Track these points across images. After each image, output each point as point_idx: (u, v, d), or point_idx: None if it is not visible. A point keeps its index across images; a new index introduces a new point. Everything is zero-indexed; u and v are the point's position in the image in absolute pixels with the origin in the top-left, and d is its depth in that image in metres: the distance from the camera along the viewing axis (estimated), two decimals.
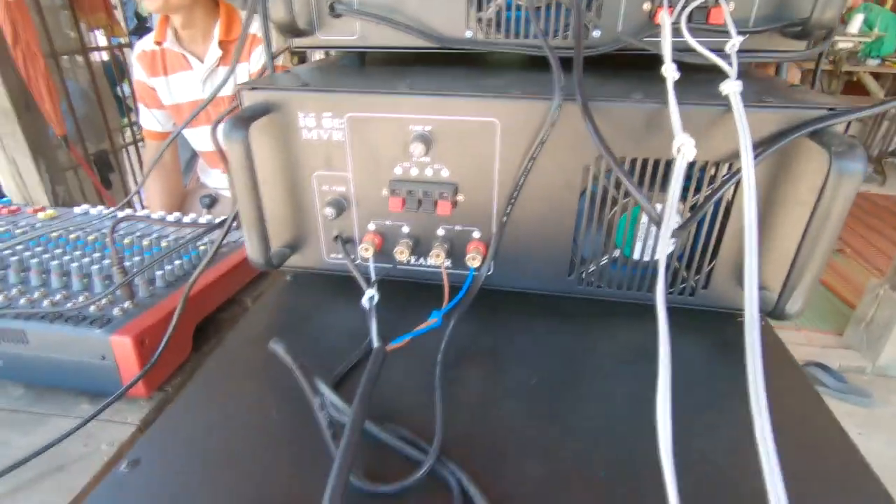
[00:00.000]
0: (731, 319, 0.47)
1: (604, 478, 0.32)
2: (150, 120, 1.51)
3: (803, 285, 0.39)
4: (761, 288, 0.43)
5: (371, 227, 0.48)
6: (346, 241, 0.49)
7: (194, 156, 1.73)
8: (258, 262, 0.47)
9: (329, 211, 0.46)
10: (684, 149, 0.36)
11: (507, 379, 0.41)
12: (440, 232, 0.47)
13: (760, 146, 0.38)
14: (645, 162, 0.41)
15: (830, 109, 0.37)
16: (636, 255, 0.45)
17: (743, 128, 0.34)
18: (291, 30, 0.46)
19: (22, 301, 0.64)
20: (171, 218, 0.87)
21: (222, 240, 0.52)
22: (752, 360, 0.23)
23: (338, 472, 0.27)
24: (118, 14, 2.48)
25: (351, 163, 0.45)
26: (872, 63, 3.90)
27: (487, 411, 0.38)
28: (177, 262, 0.70)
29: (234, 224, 0.63)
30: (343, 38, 0.48)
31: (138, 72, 1.45)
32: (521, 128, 0.41)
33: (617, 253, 0.46)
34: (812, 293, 0.38)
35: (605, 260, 0.46)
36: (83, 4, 2.04)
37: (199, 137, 1.52)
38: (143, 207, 1.28)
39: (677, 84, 0.36)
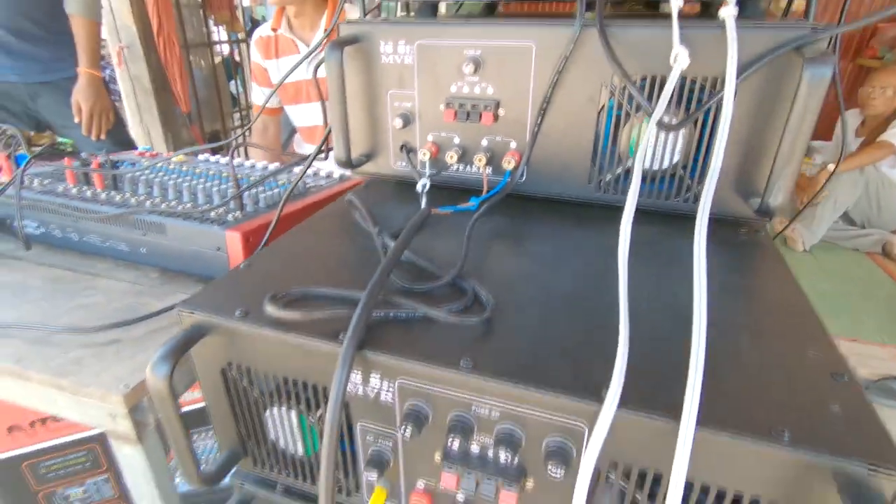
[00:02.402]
0: (729, 224, 0.54)
1: (580, 307, 0.41)
2: (260, 97, 1.76)
3: (782, 181, 0.46)
4: (752, 195, 0.49)
5: (429, 137, 0.60)
6: (410, 150, 0.61)
7: (292, 133, 1.96)
8: (342, 160, 0.61)
9: (398, 122, 0.59)
10: (679, 57, 0.45)
11: (522, 249, 0.51)
12: (483, 142, 0.58)
13: (751, 65, 0.45)
14: (654, 79, 0.49)
15: (813, 28, 0.44)
16: (646, 164, 0.53)
17: (732, 43, 0.42)
18: None
19: (163, 206, 0.82)
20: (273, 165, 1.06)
21: (307, 168, 0.68)
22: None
23: (381, 270, 0.39)
24: (238, 13, 2.83)
25: (417, 82, 0.57)
26: None
27: (502, 262, 0.48)
28: (276, 190, 0.87)
29: (324, 156, 0.78)
30: None
31: (255, 54, 1.69)
32: (551, 49, 0.51)
33: (630, 163, 0.54)
34: (789, 188, 0.45)
35: (619, 170, 0.55)
36: (212, 2, 2.37)
37: (300, 114, 1.74)
38: None
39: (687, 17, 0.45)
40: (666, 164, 0.53)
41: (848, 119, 2.97)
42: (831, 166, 2.62)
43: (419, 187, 0.56)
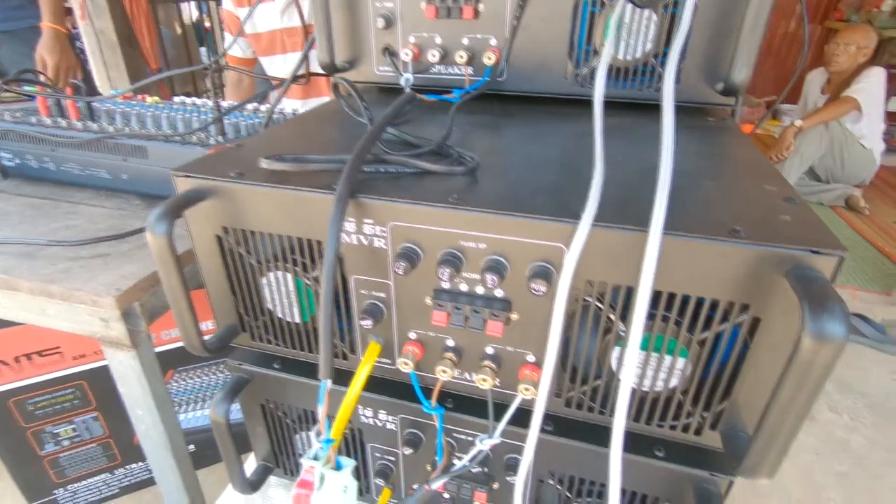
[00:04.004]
0: (699, 113, 0.57)
1: (559, 166, 0.44)
2: (233, 47, 1.72)
3: (745, 55, 0.49)
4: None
5: (411, 38, 0.61)
6: (392, 53, 0.63)
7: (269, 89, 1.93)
8: (326, 62, 0.62)
9: (380, 22, 0.60)
10: None
11: (504, 132, 0.54)
12: (464, 41, 0.60)
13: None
14: None
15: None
16: (620, 55, 0.56)
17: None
18: None
19: (142, 132, 0.82)
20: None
21: (291, 81, 0.69)
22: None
23: (371, 131, 0.41)
24: None
25: None
26: None
27: (485, 141, 0.51)
28: (256, 121, 0.87)
29: (304, 80, 0.79)
30: None
31: (226, 2, 1.65)
32: None
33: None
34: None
35: (596, 63, 0.57)
36: None
37: (275, 66, 1.71)
38: None
39: None
40: (639, 52, 0.55)
41: (814, 77, 3.05)
42: (798, 122, 2.71)
43: (402, 81, 0.58)
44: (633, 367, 0.33)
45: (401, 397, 0.49)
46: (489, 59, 0.58)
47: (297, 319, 0.47)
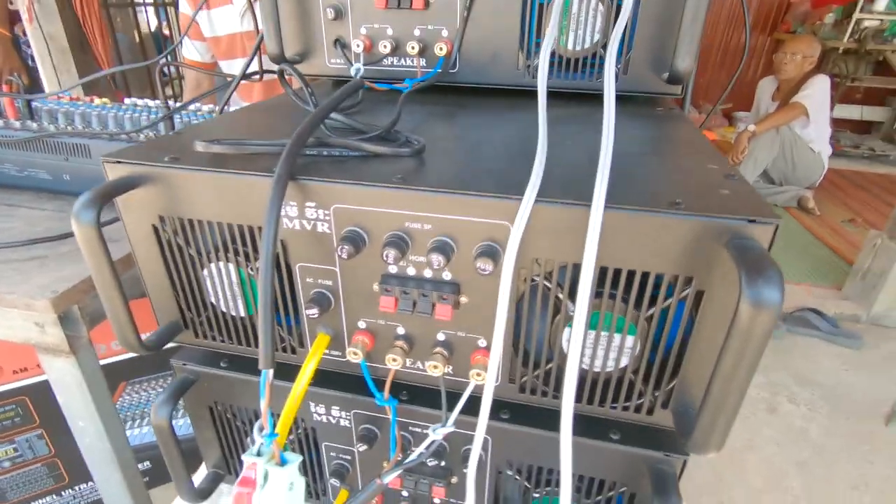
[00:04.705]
0: (646, 104, 0.58)
1: (505, 150, 0.44)
2: (191, 51, 1.68)
3: (688, 45, 0.50)
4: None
5: (362, 30, 0.61)
6: (343, 46, 0.62)
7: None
8: (275, 53, 0.60)
9: (330, 12, 0.59)
10: None
11: (453, 121, 0.53)
12: (416, 32, 0.59)
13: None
14: None
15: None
16: (570, 46, 0.57)
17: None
18: None
19: (85, 131, 0.78)
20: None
21: (241, 78, 0.67)
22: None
23: (314, 114, 0.40)
24: None
25: None
26: None
27: (434, 129, 0.50)
28: (208, 117, 0.84)
29: (257, 77, 0.77)
30: None
31: (184, 5, 1.61)
32: None
33: (555, 44, 0.57)
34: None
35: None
36: None
37: (234, 69, 1.67)
38: None
39: None
40: (588, 43, 0.56)
41: (765, 85, 3.19)
42: (752, 126, 2.82)
43: (352, 71, 0.57)
44: (580, 343, 0.33)
45: (354, 391, 0.47)
46: (441, 49, 0.58)
47: (243, 313, 0.45)
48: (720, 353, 0.31)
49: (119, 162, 0.40)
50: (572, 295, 0.36)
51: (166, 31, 3.53)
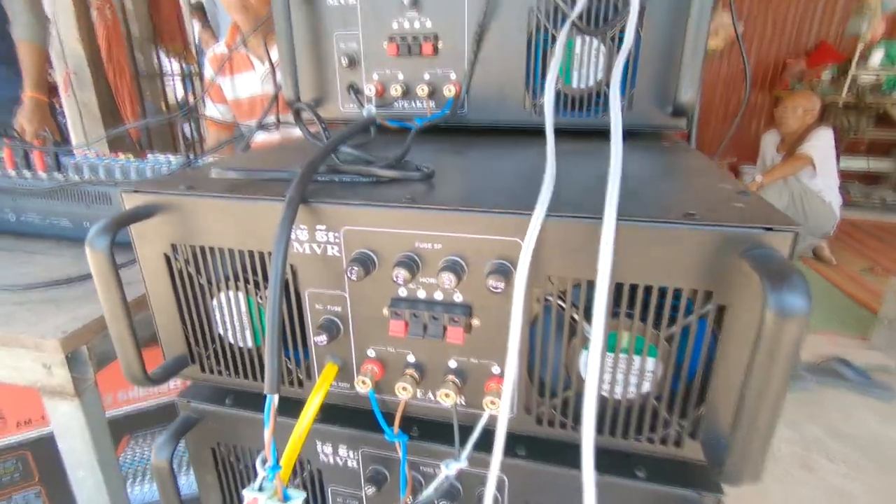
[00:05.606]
0: (653, 137, 0.59)
1: (514, 177, 0.44)
2: (213, 112, 1.77)
3: (690, 78, 0.51)
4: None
5: (375, 76, 0.63)
6: (357, 91, 0.65)
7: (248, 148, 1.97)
8: (292, 98, 0.63)
9: (344, 60, 0.62)
10: None
11: (463, 156, 0.54)
12: (425, 76, 0.62)
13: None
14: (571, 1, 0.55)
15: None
16: (574, 84, 0.58)
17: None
18: None
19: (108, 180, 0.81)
20: None
21: (258, 126, 0.70)
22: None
23: (326, 145, 0.41)
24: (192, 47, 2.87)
25: (361, 21, 0.61)
26: None
27: (444, 161, 0.51)
28: None
29: (274, 127, 0.80)
30: None
31: (209, 71, 1.72)
32: None
33: (559, 84, 0.59)
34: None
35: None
36: (164, 34, 2.41)
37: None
38: None
39: None
40: (591, 81, 0.58)
41: (769, 138, 3.25)
42: (759, 177, 2.84)
43: (364, 112, 0.59)
44: (598, 365, 0.31)
45: (362, 428, 0.45)
46: (449, 91, 0.61)
47: (250, 344, 0.44)
48: (748, 369, 0.30)
49: (136, 191, 0.41)
50: (588, 315, 0.35)
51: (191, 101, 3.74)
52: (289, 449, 0.37)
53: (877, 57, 3.71)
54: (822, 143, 2.81)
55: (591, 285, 0.34)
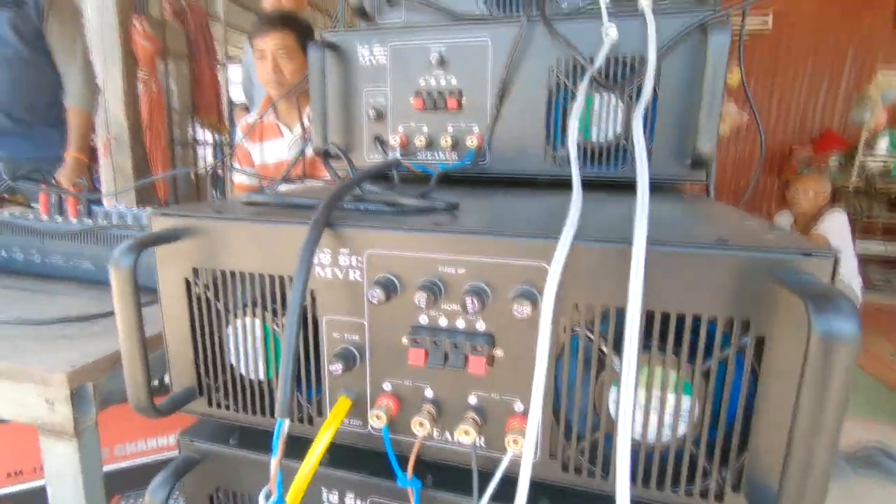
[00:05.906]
0: (673, 190, 0.59)
1: (538, 214, 0.45)
2: (241, 177, 1.85)
3: (707, 130, 0.53)
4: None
5: (400, 129, 0.66)
6: (382, 142, 0.67)
7: None
8: (320, 148, 0.66)
9: (372, 112, 0.65)
10: (610, 31, 0.54)
11: (486, 201, 0.55)
12: (449, 128, 0.65)
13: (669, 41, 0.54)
14: (590, 59, 0.58)
15: (713, 10, 0.53)
16: (593, 137, 0.60)
17: (650, 24, 0.51)
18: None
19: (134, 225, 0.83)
20: None
21: (285, 175, 0.73)
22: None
23: (351, 180, 0.42)
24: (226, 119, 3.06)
25: (390, 79, 0.65)
26: None
27: (468, 203, 0.52)
28: None
29: (300, 181, 0.83)
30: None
31: (239, 136, 1.82)
32: (504, 43, 0.60)
33: (579, 139, 0.61)
34: (713, 135, 0.47)
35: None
36: (201, 107, 2.58)
37: None
38: None
39: None
40: (611, 135, 0.60)
41: (782, 219, 3.27)
42: None
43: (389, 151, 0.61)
44: (630, 401, 0.29)
45: (372, 473, 0.42)
46: (472, 142, 0.63)
47: (262, 375, 0.43)
48: (795, 406, 0.27)
49: (164, 214, 0.42)
50: (617, 347, 0.34)
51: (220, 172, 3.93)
52: (296, 484, 0.34)
53: (882, 144, 3.81)
54: (835, 225, 2.82)
55: (620, 314, 0.33)
